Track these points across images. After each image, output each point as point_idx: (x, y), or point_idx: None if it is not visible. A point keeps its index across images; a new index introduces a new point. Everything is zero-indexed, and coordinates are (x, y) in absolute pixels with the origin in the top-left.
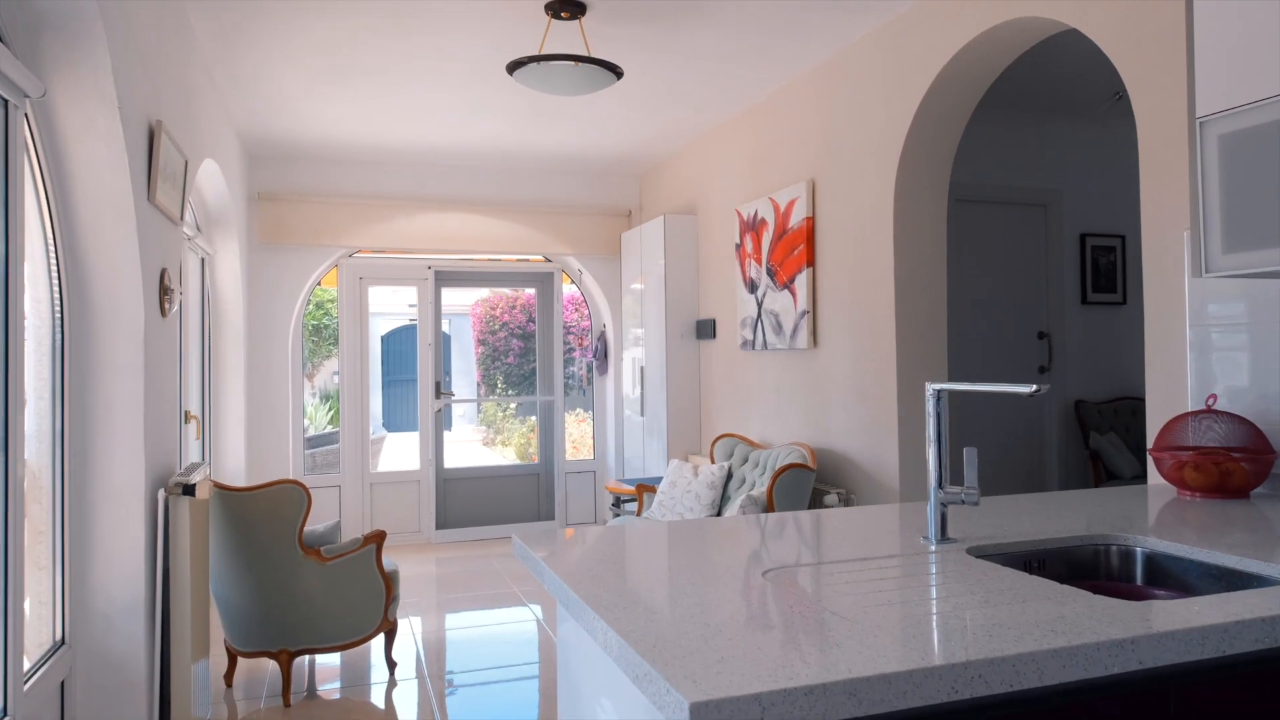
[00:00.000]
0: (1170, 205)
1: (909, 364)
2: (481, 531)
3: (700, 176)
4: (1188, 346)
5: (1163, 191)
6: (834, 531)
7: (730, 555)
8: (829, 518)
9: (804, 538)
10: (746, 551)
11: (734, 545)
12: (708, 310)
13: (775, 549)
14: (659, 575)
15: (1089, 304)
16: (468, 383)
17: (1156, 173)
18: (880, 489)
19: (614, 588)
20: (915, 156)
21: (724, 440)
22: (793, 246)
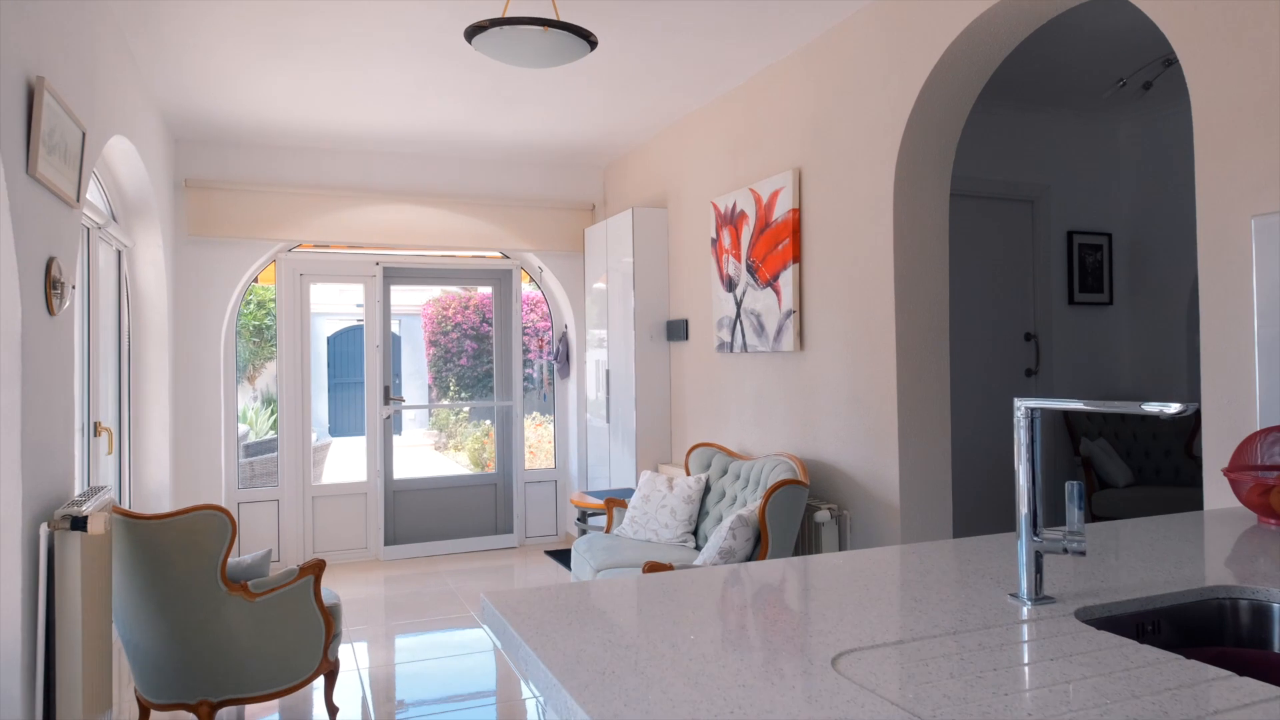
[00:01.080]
0: (1233, 186)
1: (910, 369)
2: (434, 547)
3: (672, 167)
4: (1256, 348)
5: (1223, 171)
6: (890, 586)
7: (779, 627)
8: (870, 563)
9: (858, 597)
10: (794, 620)
11: (776, 610)
12: (679, 310)
13: (828, 616)
14: (693, 666)
15: (1076, 304)
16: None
17: (1215, 151)
18: (878, 505)
19: (634, 693)
20: (918, 143)
21: (700, 450)
22: (776, 241)
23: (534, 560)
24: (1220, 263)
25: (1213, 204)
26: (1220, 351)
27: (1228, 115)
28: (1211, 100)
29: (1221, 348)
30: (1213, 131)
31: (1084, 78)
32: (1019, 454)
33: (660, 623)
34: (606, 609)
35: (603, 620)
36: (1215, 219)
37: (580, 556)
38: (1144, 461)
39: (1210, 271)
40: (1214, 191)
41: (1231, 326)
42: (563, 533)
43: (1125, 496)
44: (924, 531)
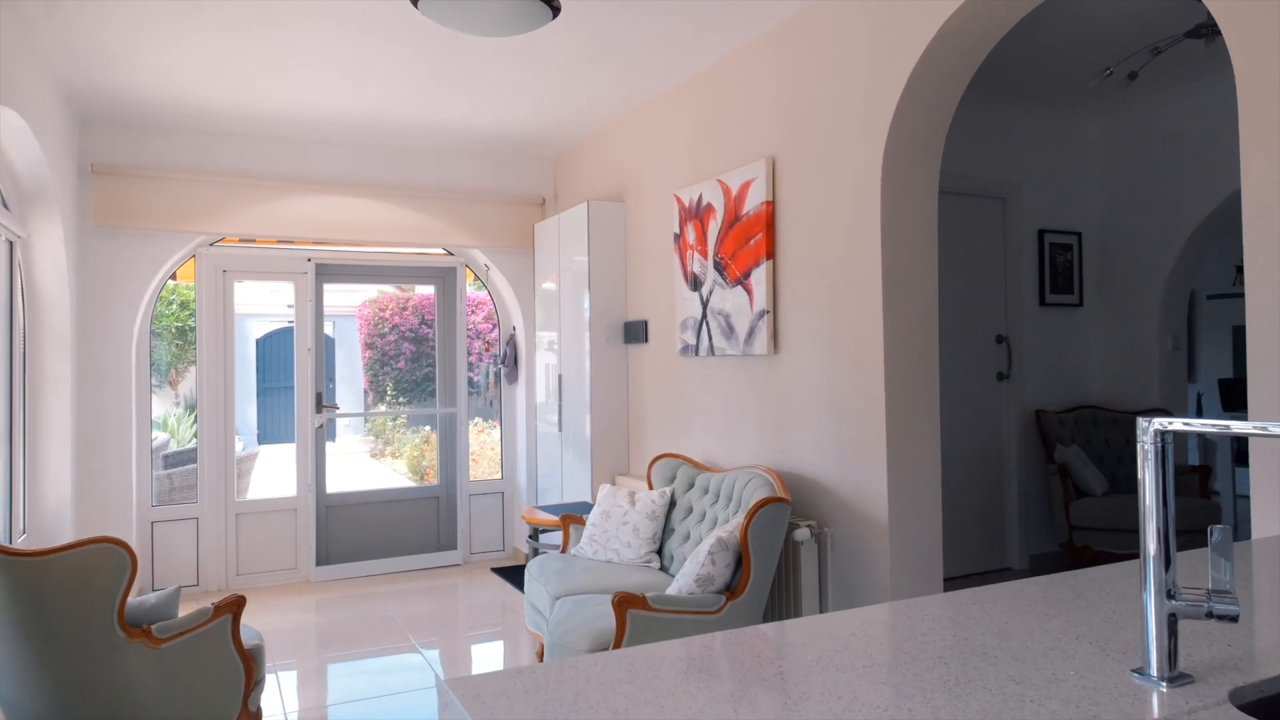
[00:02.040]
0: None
1: (899, 374)
2: (371, 566)
3: (631, 158)
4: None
5: (1272, 154)
6: (972, 656)
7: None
8: (924, 619)
9: (940, 678)
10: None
11: (840, 703)
12: (638, 310)
13: (917, 712)
14: None
15: (1047, 305)
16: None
17: (1264, 132)
18: (862, 522)
19: None
20: (907, 130)
21: (664, 461)
22: (748, 236)
23: (479, 579)
24: (1268, 255)
25: (1258, 187)
26: (1271, 351)
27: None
28: (1257, 73)
29: (1273, 346)
30: (1261, 109)
31: (1059, 71)
32: (1149, 491)
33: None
34: (580, 692)
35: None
36: (1261, 205)
37: (535, 581)
38: (1117, 468)
39: (1257, 264)
40: (1261, 174)
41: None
42: (510, 548)
43: (1104, 506)
44: (915, 551)
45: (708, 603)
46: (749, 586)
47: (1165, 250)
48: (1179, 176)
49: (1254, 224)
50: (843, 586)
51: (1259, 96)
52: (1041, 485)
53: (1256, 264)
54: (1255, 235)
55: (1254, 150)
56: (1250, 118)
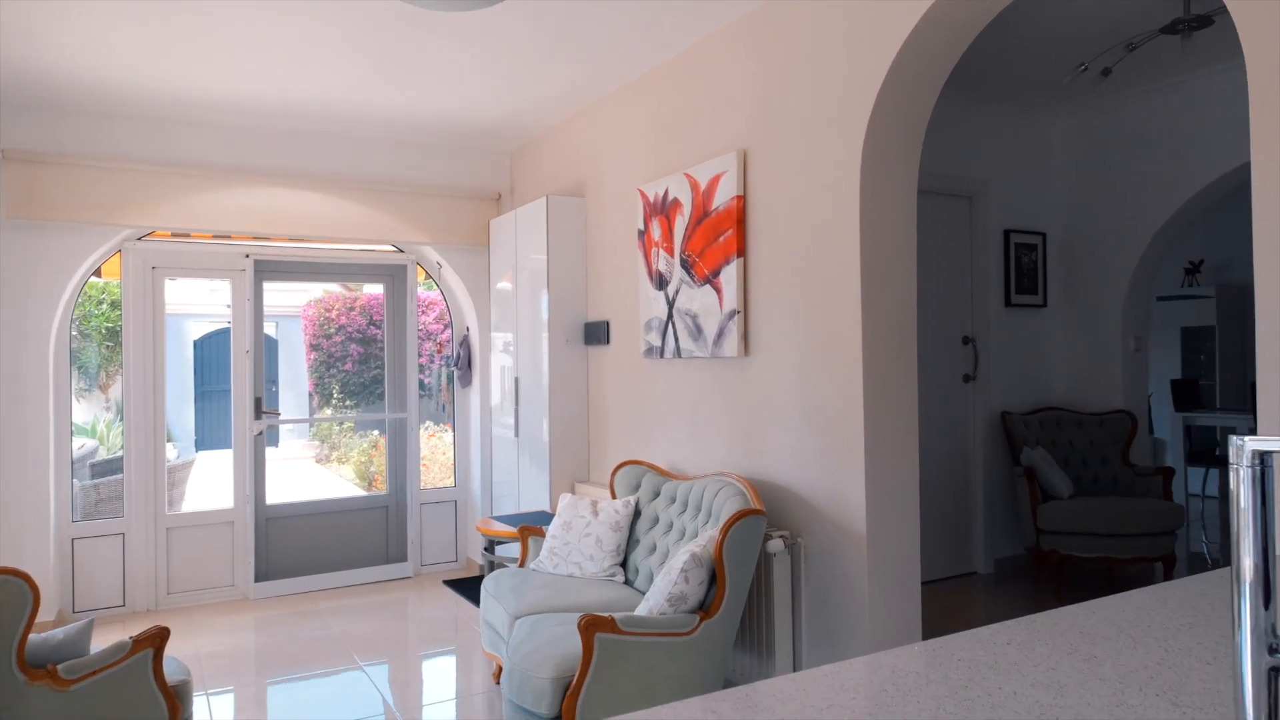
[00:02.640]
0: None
1: (878, 377)
2: (315, 581)
3: (592, 151)
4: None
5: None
6: (1029, 717)
7: None
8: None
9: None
10: None
11: None
12: (600, 310)
13: None
14: None
15: (1013, 306)
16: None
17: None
18: (838, 532)
19: None
20: (887, 122)
21: (628, 469)
22: (717, 232)
23: (431, 592)
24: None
25: (1272, 174)
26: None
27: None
28: (1267, 51)
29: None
30: (1273, 89)
31: (1027, 69)
32: (1247, 521)
33: None
34: None
35: None
36: (1275, 191)
37: (491, 599)
38: (1081, 470)
39: (1268, 256)
40: (1273, 159)
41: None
42: (464, 559)
43: (1071, 509)
44: (893, 561)
45: (680, 623)
46: (724, 605)
47: (1128, 251)
48: (1142, 177)
49: (1264, 202)
50: (817, 600)
51: (1271, 74)
52: (1007, 488)
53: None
54: (1266, 221)
55: (1268, 124)
56: (1263, 94)
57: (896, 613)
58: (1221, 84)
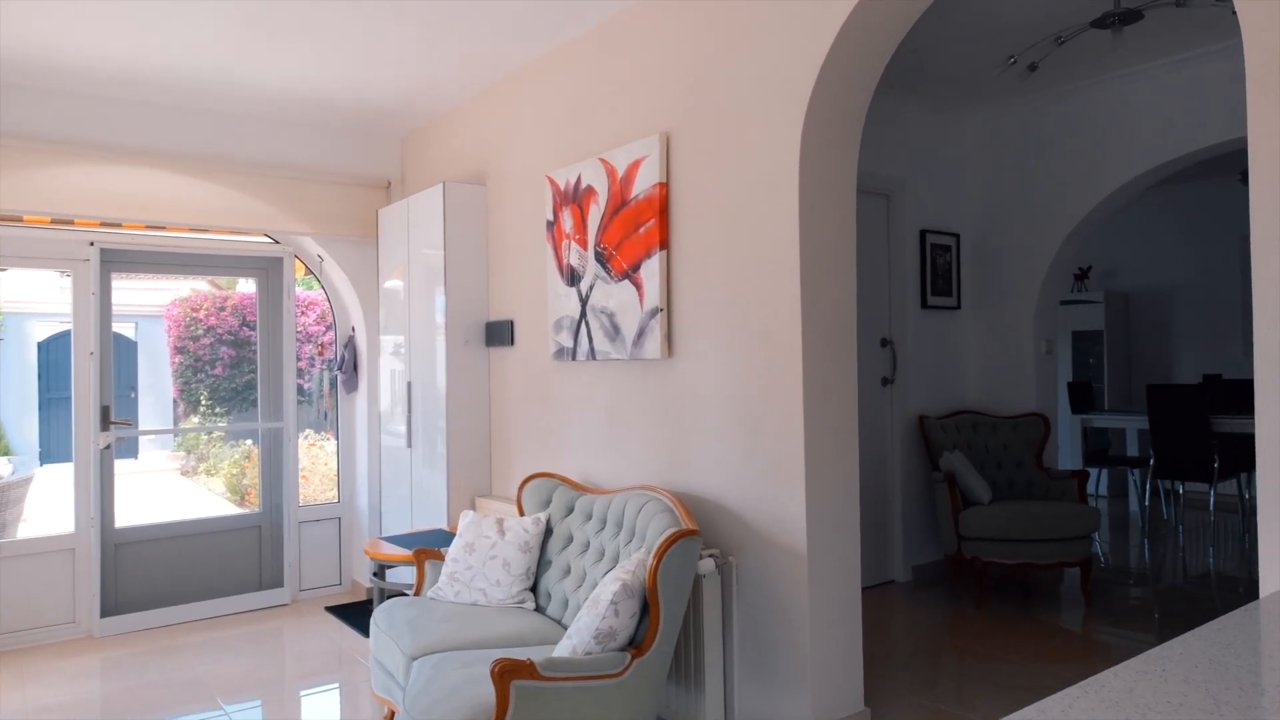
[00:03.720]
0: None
1: (818, 381)
2: (175, 613)
3: (495, 135)
4: None
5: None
6: None
7: None
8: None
9: None
10: None
11: None
12: (503, 309)
13: None
14: None
15: (929, 308)
16: (161, 402)
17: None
18: (775, 550)
19: None
20: (829, 105)
21: (538, 482)
22: (637, 223)
23: (311, 621)
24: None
25: (1270, 163)
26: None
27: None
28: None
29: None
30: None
31: (946, 65)
32: None
33: None
34: None
35: None
36: (1272, 185)
37: (383, 635)
38: (997, 474)
39: (1267, 247)
40: (1274, 149)
41: None
42: (349, 581)
43: (993, 515)
44: (835, 580)
45: (609, 663)
46: (657, 640)
47: (1039, 254)
48: (1054, 180)
49: (1261, 193)
50: (750, 624)
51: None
52: (925, 493)
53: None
54: (1263, 213)
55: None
56: (1261, 77)
57: (838, 636)
58: (1135, 87)
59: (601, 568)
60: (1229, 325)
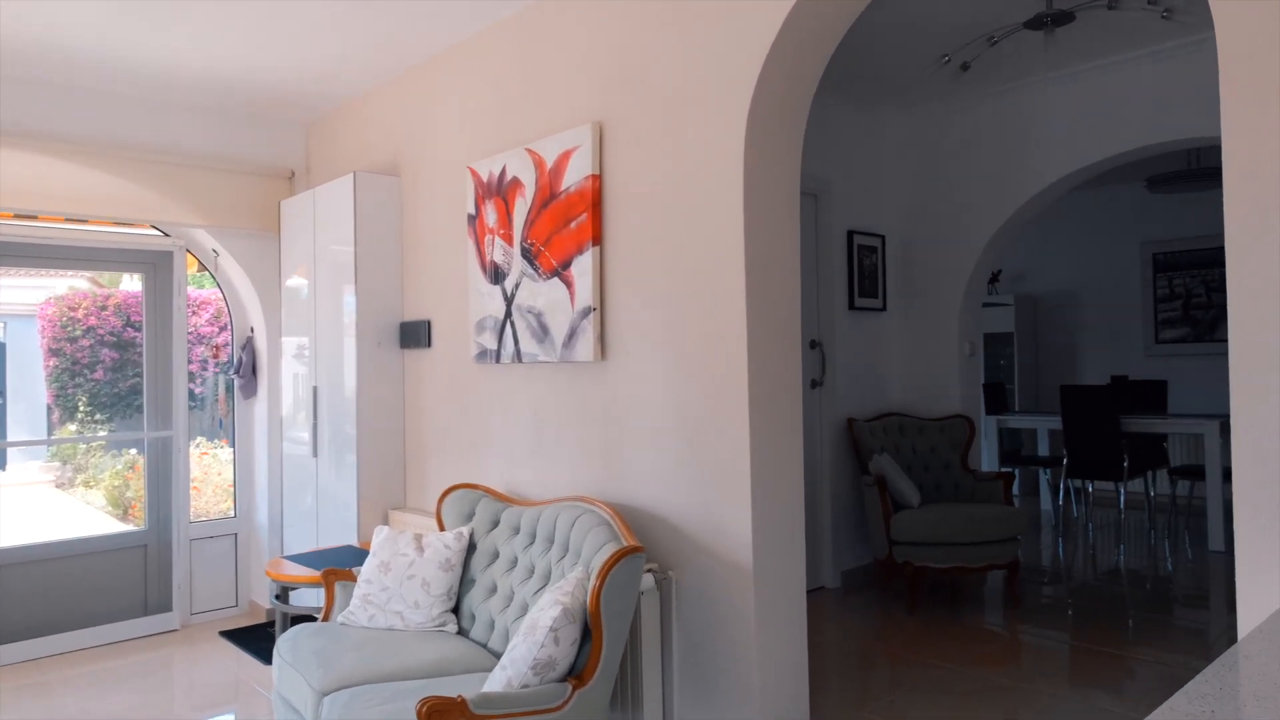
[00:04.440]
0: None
1: (765, 385)
2: (46, 645)
3: (411, 122)
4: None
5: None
6: None
7: None
8: None
9: None
10: None
11: None
12: (419, 308)
13: None
14: None
15: (856, 310)
16: (32, 409)
17: (1251, 89)
18: (718, 564)
19: None
20: (776, 92)
21: (459, 494)
22: (567, 217)
23: (205, 648)
24: (1261, 242)
25: (1246, 164)
26: (1260, 354)
27: (1274, 44)
28: (1241, 26)
29: (1262, 348)
30: (1248, 66)
31: (870, 64)
32: None
33: None
34: None
35: None
36: (1251, 184)
37: (288, 666)
38: (924, 476)
39: (1243, 252)
40: (1249, 147)
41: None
42: (246, 602)
43: (924, 519)
44: (781, 595)
45: (550, 696)
46: (600, 667)
47: (964, 255)
48: (978, 182)
49: (1236, 196)
50: (691, 642)
51: (1245, 44)
52: (854, 497)
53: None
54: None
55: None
56: (1234, 71)
57: (785, 650)
58: (1061, 90)
59: (531, 586)
60: (1131, 328)
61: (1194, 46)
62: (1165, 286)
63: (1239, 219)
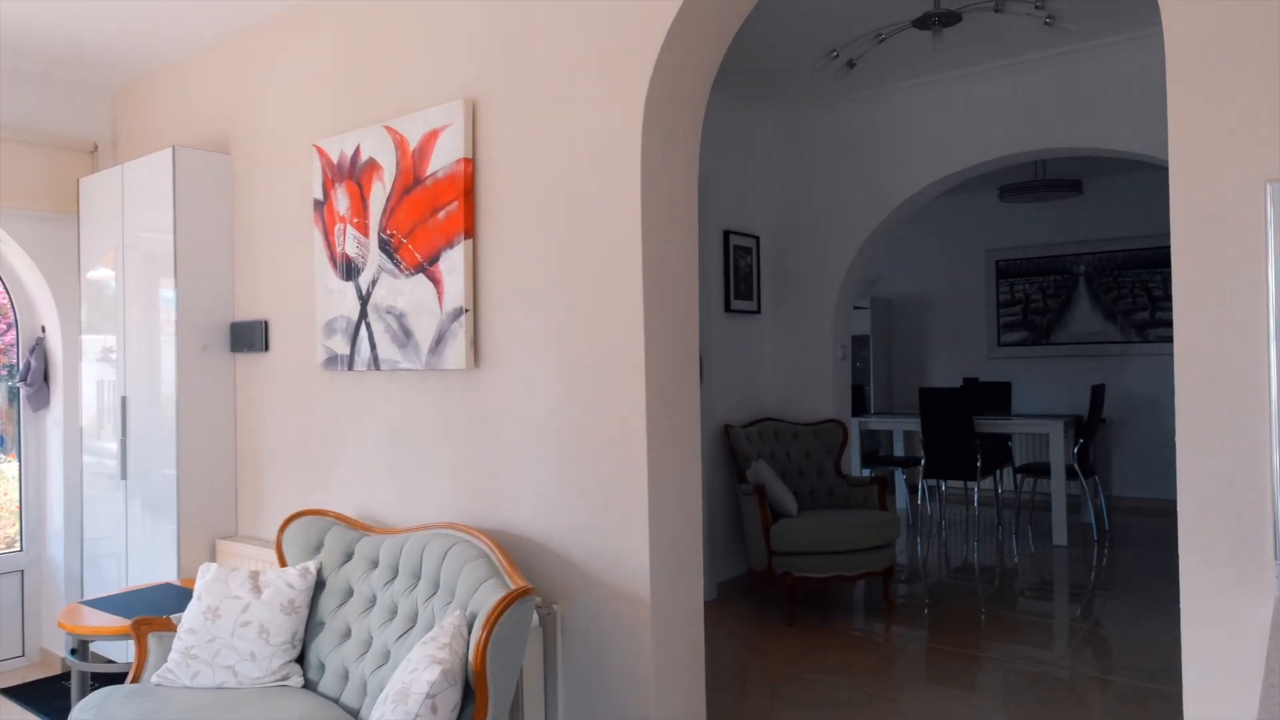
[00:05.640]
0: (1230, 141)
1: (661, 394)
2: None
3: (244, 92)
4: (1272, 343)
5: (1213, 121)
6: None
7: None
8: None
9: None
10: None
11: None
12: (255, 307)
13: None
14: None
15: (732, 312)
16: None
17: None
18: (610, 595)
19: None
20: (677, 70)
21: (305, 522)
22: (434, 205)
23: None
24: (1208, 244)
25: (1193, 164)
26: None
27: (1222, 44)
28: (1190, 20)
29: (1215, 346)
30: (1196, 66)
31: (747, 60)
32: None
33: None
34: None
35: None
36: (1198, 184)
37: None
38: (799, 483)
39: (1189, 255)
40: (1196, 148)
41: (1227, 331)
42: (36, 651)
43: (804, 527)
44: (681, 626)
45: None
46: None
47: (837, 258)
48: (853, 184)
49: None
50: (579, 683)
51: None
52: (730, 505)
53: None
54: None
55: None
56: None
57: (685, 683)
58: (934, 96)
59: (394, 629)
60: (976, 331)
61: (1063, 57)
62: (1007, 292)
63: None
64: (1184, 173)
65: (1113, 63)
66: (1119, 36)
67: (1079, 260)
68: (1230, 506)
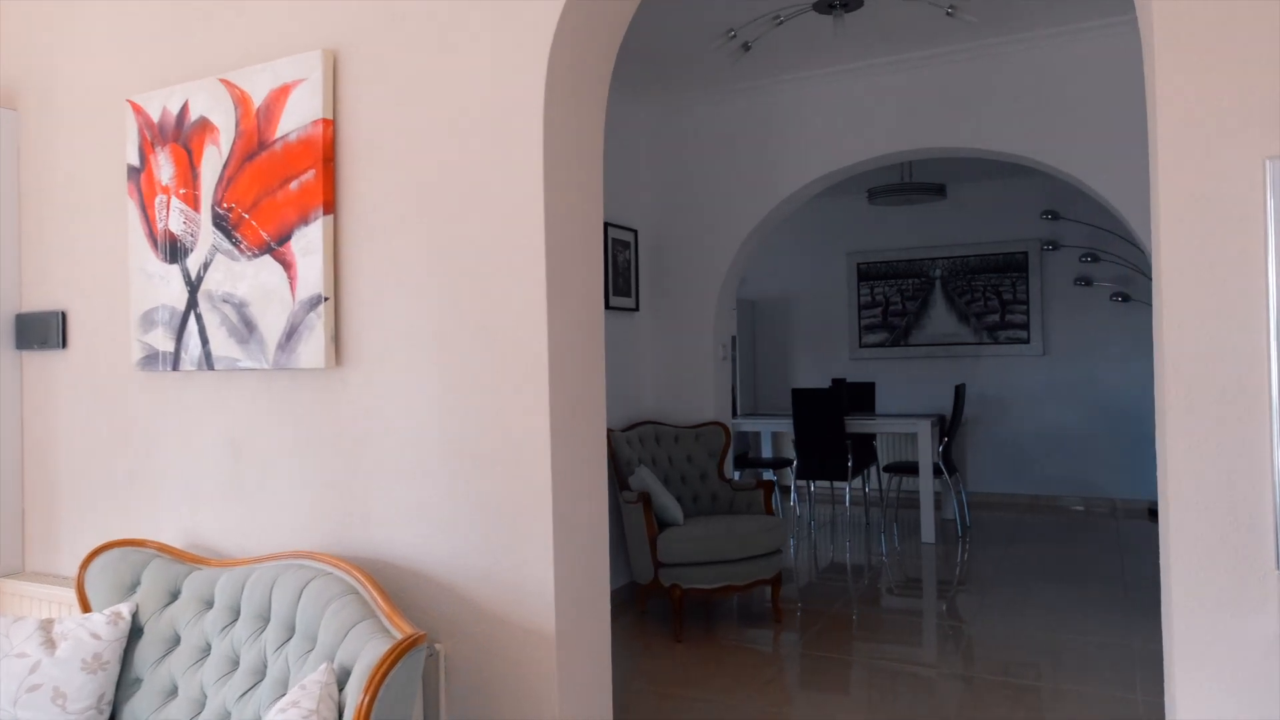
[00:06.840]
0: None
1: (567, 395)
2: None
3: (32, 32)
4: (1273, 345)
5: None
6: None
7: None
8: None
9: None
10: None
11: None
12: (48, 294)
13: None
14: None
15: (611, 309)
16: None
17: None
18: (505, 630)
19: None
20: (586, 24)
21: (115, 555)
22: (285, 175)
23: None
24: (1199, 226)
25: (1183, 142)
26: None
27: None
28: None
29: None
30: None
31: (640, 48)
32: None
33: None
34: None
35: None
36: (1188, 163)
37: None
38: (682, 489)
39: (1178, 238)
40: (1186, 125)
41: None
42: None
43: (692, 537)
44: (588, 663)
45: None
46: None
47: (719, 255)
48: (735, 179)
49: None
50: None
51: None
52: (612, 515)
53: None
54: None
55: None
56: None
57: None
58: (819, 88)
59: (234, 686)
60: (839, 333)
61: (955, 55)
62: (868, 294)
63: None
64: (1172, 152)
65: (1004, 63)
66: (1013, 36)
67: (935, 264)
68: (1226, 510)
